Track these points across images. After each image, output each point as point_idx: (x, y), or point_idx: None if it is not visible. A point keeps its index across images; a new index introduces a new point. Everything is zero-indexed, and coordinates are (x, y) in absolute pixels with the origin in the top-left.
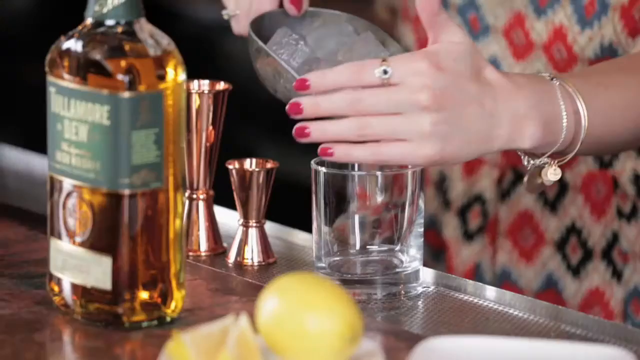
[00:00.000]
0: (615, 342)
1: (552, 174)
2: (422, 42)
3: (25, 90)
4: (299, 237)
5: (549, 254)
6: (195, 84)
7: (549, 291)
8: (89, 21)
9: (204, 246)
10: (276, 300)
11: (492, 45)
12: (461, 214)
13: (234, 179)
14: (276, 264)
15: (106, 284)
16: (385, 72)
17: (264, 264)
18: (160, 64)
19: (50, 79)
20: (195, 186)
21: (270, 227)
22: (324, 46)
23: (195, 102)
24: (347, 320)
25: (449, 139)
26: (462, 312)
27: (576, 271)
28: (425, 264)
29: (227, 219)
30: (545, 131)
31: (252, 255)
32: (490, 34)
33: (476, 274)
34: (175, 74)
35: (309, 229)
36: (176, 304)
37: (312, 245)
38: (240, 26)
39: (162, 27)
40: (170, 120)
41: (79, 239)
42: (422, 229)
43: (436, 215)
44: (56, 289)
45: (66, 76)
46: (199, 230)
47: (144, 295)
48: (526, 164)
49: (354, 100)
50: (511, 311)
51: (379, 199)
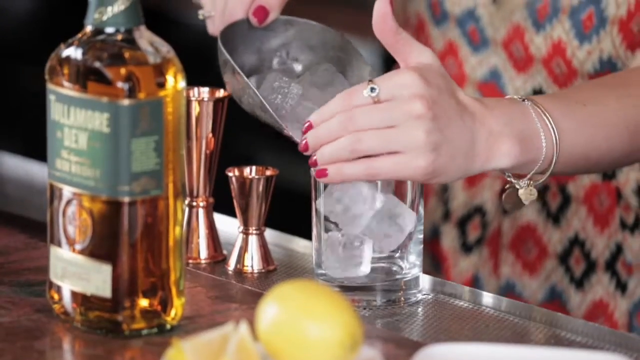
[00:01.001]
0: (615, 349)
1: (528, 194)
2: None
3: (25, 98)
4: (299, 244)
5: (552, 266)
6: (195, 92)
7: (554, 303)
8: (89, 29)
9: (203, 253)
10: (276, 307)
11: (492, 57)
12: (460, 225)
13: (234, 186)
14: (276, 271)
15: (106, 291)
16: (372, 89)
17: (264, 271)
18: (160, 71)
19: (50, 86)
20: (195, 193)
21: (270, 234)
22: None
23: (195, 109)
24: (347, 327)
25: (440, 150)
26: (462, 319)
27: (580, 283)
28: (424, 274)
29: (227, 226)
30: (522, 148)
31: (252, 262)
32: (490, 46)
33: (474, 286)
34: (175, 81)
35: (308, 236)
36: (176, 312)
37: (312, 252)
38: (215, 27)
39: (161, 35)
40: (170, 127)
41: (78, 247)
42: (421, 236)
43: (437, 225)
44: (56, 296)
45: (66, 84)
46: (198, 237)
47: (143, 302)
48: (516, 186)
49: (347, 119)
50: (511, 318)
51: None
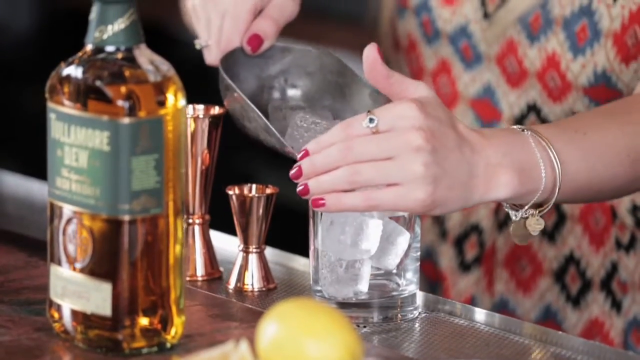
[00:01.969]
0: None
1: (535, 224)
2: (415, 73)
3: (25, 116)
4: (299, 262)
5: (547, 284)
6: (190, 109)
7: (548, 321)
8: (89, 47)
9: (200, 271)
10: (276, 326)
11: (486, 73)
12: (457, 245)
13: (234, 204)
14: (276, 289)
15: (106, 310)
16: (371, 120)
17: (264, 289)
18: (160, 89)
19: (50, 105)
20: (191, 211)
21: (270, 252)
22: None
23: (190, 126)
24: (347, 346)
25: (438, 182)
26: (461, 337)
27: (576, 301)
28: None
29: (226, 244)
30: (521, 179)
31: (253, 281)
32: (483, 62)
33: (472, 304)
34: (175, 99)
35: (308, 254)
36: (176, 330)
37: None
38: (211, 57)
39: (162, 53)
40: (170, 145)
41: (79, 265)
42: (418, 253)
43: (433, 246)
44: (56, 315)
45: (66, 102)
46: (195, 255)
47: (144, 321)
48: (513, 217)
49: (345, 149)
50: (511, 336)
51: None
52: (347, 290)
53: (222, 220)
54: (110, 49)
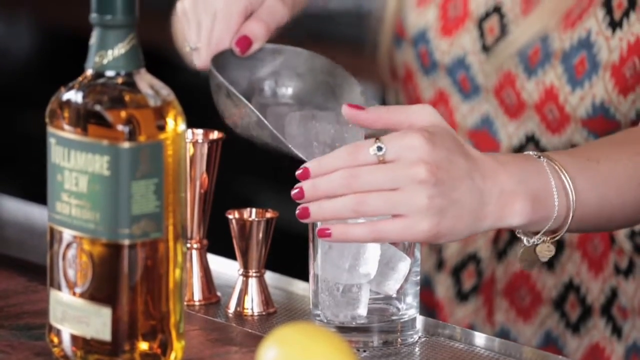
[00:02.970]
0: None
1: (546, 251)
2: (412, 103)
3: (25, 141)
4: (299, 286)
5: (547, 311)
6: (189, 133)
7: (549, 348)
8: (90, 72)
9: (197, 296)
10: (276, 350)
11: (484, 104)
12: (455, 274)
13: (234, 228)
14: (276, 314)
15: (106, 335)
16: (379, 148)
17: (264, 314)
18: (160, 114)
19: (50, 129)
20: (189, 235)
21: (269, 276)
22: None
23: (189, 151)
24: None
25: (444, 213)
26: None
27: (576, 328)
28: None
29: (226, 268)
30: (535, 207)
31: (252, 305)
32: (481, 93)
33: None
34: (175, 124)
35: (308, 278)
36: (176, 355)
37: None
38: (201, 60)
39: (162, 78)
40: (170, 170)
41: (78, 290)
42: (418, 277)
43: (430, 274)
44: (56, 340)
45: (66, 127)
46: (192, 279)
47: (143, 346)
48: (525, 243)
49: (351, 177)
50: None
51: None
52: (345, 313)
53: (221, 244)
54: (110, 73)
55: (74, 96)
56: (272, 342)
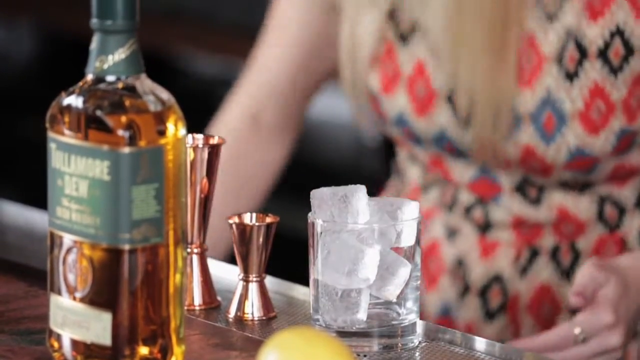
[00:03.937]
0: None
1: None
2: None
3: (25, 146)
4: (299, 291)
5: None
6: (189, 138)
7: None
8: (90, 77)
9: (197, 300)
10: (276, 355)
11: (477, 162)
12: (482, 295)
13: (234, 233)
14: (276, 318)
15: (106, 339)
16: (581, 334)
17: (264, 318)
18: (160, 119)
19: (50, 134)
20: (189, 240)
21: (270, 281)
22: None
23: (189, 156)
24: None
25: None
26: None
27: None
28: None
29: (226, 273)
30: None
31: (253, 310)
32: (469, 157)
33: None
34: (175, 129)
35: (309, 283)
36: (176, 359)
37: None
38: None
39: (162, 83)
40: (170, 175)
41: (79, 295)
42: (418, 282)
43: (451, 302)
44: (56, 345)
45: (67, 132)
46: (192, 284)
47: (143, 350)
48: None
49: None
50: None
51: None
52: (344, 318)
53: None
54: (110, 78)
55: (74, 101)
56: (272, 347)
